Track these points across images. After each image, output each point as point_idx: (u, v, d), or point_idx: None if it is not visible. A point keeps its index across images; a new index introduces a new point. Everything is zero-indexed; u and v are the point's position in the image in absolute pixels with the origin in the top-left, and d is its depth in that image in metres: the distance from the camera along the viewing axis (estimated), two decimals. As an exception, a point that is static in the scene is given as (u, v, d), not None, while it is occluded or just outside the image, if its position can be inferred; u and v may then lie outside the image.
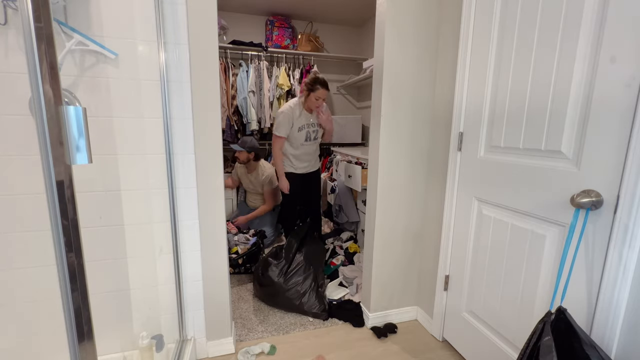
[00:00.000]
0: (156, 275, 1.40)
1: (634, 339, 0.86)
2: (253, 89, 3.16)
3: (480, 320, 1.42)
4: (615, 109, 0.88)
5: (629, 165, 0.84)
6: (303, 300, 1.88)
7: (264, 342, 1.64)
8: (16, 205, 1.19)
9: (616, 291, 0.88)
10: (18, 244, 1.22)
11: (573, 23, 0.97)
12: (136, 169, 1.29)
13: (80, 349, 0.56)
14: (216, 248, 1.47)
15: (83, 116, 0.52)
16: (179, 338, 1.46)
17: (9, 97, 1.13)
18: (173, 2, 1.23)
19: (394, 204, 1.71)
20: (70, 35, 1.12)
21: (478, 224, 1.41)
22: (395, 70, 1.57)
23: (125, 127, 1.25)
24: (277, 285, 1.90)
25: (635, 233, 0.83)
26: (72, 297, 0.54)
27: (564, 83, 1.01)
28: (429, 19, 1.58)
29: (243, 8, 3.25)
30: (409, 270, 1.82)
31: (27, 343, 1.29)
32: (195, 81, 1.31)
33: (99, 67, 1.20)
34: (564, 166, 1.02)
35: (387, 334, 1.72)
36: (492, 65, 1.29)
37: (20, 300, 1.27)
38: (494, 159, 1.31)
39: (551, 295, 1.05)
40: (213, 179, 1.40)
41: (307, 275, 1.94)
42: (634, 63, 0.83)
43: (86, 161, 0.53)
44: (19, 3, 0.46)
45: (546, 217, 1.09)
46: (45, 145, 0.49)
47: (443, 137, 1.59)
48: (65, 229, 0.52)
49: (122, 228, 1.32)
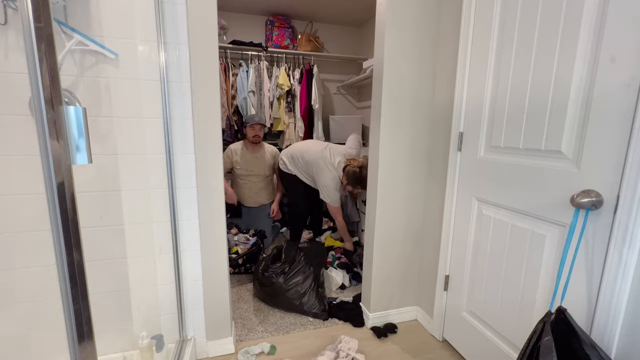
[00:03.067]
0: (156, 275, 1.39)
1: (634, 339, 0.86)
2: (253, 89, 3.15)
3: (480, 320, 1.42)
4: (615, 109, 0.88)
5: (629, 165, 0.83)
6: (303, 300, 1.87)
7: (264, 342, 1.64)
8: (16, 205, 1.19)
9: (616, 291, 0.88)
10: (18, 244, 1.22)
11: (573, 23, 0.97)
12: (136, 169, 1.29)
13: (80, 349, 0.56)
14: (216, 248, 1.47)
15: (83, 116, 0.52)
16: (179, 338, 1.46)
17: (9, 97, 1.13)
18: (173, 2, 1.23)
19: (394, 204, 1.71)
20: (70, 35, 1.12)
21: (478, 224, 1.41)
22: (395, 70, 1.57)
23: (125, 127, 1.25)
24: (277, 285, 1.90)
25: (635, 233, 0.83)
26: (72, 297, 0.54)
27: (564, 83, 1.01)
28: (428, 19, 1.58)
29: (243, 8, 3.24)
30: (409, 270, 1.82)
31: (27, 343, 1.29)
32: (195, 81, 1.31)
33: (99, 67, 1.20)
34: (564, 166, 1.02)
35: (387, 334, 1.72)
36: (492, 65, 1.29)
37: (20, 300, 1.27)
38: (494, 159, 1.31)
39: (551, 295, 1.05)
40: (213, 179, 1.40)
41: (307, 276, 1.94)
42: (634, 63, 0.83)
43: (86, 161, 0.53)
44: (19, 3, 0.46)
45: (546, 217, 1.09)
46: (45, 145, 0.49)
47: (443, 137, 1.59)
48: (65, 229, 0.52)
49: (122, 228, 1.32)
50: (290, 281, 1.91)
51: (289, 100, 3.32)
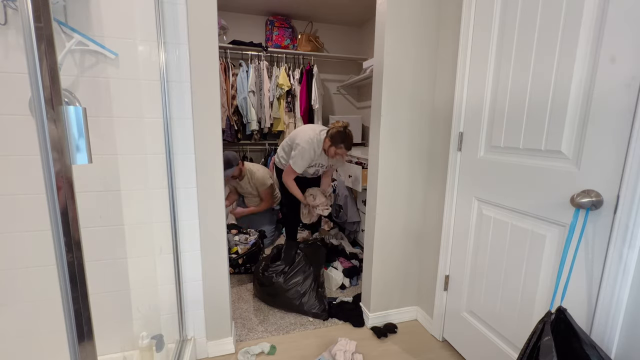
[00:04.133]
0: (156, 275, 1.39)
1: (634, 339, 0.86)
2: (253, 89, 3.16)
3: (480, 320, 1.42)
4: (615, 109, 0.88)
5: (629, 165, 0.84)
6: (303, 300, 1.88)
7: (264, 342, 1.64)
8: (16, 205, 1.19)
9: (616, 291, 0.88)
10: (18, 244, 1.22)
11: (573, 23, 0.97)
12: (136, 169, 1.29)
13: (80, 349, 0.56)
14: (216, 248, 1.47)
15: (83, 116, 0.52)
16: (179, 338, 1.46)
17: (9, 97, 1.13)
18: (173, 2, 1.23)
19: (394, 204, 1.71)
20: (70, 35, 1.12)
21: (478, 224, 1.41)
22: (395, 70, 1.57)
23: (125, 127, 1.25)
24: (277, 285, 1.90)
25: (635, 233, 0.83)
26: (72, 297, 0.54)
27: (564, 83, 1.01)
28: (428, 19, 1.58)
29: (243, 8, 3.25)
30: (409, 270, 1.82)
31: (27, 343, 1.29)
32: (195, 81, 1.31)
33: (99, 67, 1.20)
34: (564, 166, 1.02)
35: (387, 334, 1.72)
36: (492, 65, 1.29)
37: (21, 300, 1.27)
38: (494, 159, 1.31)
39: (551, 295, 1.05)
40: (213, 179, 1.40)
41: (307, 275, 1.94)
42: (634, 63, 0.83)
43: (86, 161, 0.53)
44: (19, 3, 0.46)
45: (546, 217, 1.09)
46: (45, 145, 0.49)
47: (443, 137, 1.59)
48: (65, 229, 0.52)
49: (122, 228, 1.32)
50: (290, 281, 1.91)
51: (289, 100, 3.32)
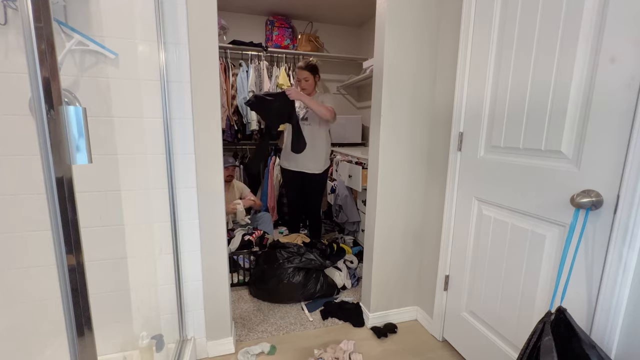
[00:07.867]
0: (156, 275, 1.39)
1: (634, 339, 0.86)
2: (253, 89, 3.15)
3: (480, 320, 1.42)
4: (615, 109, 0.88)
5: (629, 165, 0.84)
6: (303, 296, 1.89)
7: (264, 342, 1.64)
8: (16, 205, 1.19)
9: (616, 291, 0.88)
10: (18, 244, 1.22)
11: (573, 23, 0.97)
12: (136, 169, 1.29)
13: (80, 349, 0.56)
14: (216, 248, 1.47)
15: (83, 116, 0.52)
16: (179, 338, 1.46)
17: (9, 97, 1.13)
18: (173, 2, 1.23)
19: (394, 204, 1.71)
20: (70, 35, 1.12)
21: (478, 224, 1.41)
22: (395, 70, 1.57)
23: (125, 127, 1.25)
24: (276, 282, 1.90)
25: (635, 233, 0.83)
26: (72, 297, 0.54)
27: (564, 83, 1.01)
28: (428, 19, 1.58)
29: (243, 8, 3.24)
30: (409, 270, 1.82)
31: (27, 343, 1.29)
32: (195, 81, 1.31)
33: (99, 67, 1.20)
34: (564, 166, 1.02)
35: (387, 333, 1.72)
36: (492, 65, 1.29)
37: (20, 300, 1.27)
38: (494, 159, 1.31)
39: (551, 295, 1.05)
40: (213, 179, 1.40)
41: (307, 273, 1.94)
42: (634, 63, 0.83)
43: (86, 161, 0.53)
44: (19, 3, 0.46)
45: (546, 217, 1.09)
46: (45, 145, 0.49)
47: (443, 137, 1.59)
48: (65, 229, 0.52)
49: (122, 228, 1.32)
50: (290, 279, 1.91)
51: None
